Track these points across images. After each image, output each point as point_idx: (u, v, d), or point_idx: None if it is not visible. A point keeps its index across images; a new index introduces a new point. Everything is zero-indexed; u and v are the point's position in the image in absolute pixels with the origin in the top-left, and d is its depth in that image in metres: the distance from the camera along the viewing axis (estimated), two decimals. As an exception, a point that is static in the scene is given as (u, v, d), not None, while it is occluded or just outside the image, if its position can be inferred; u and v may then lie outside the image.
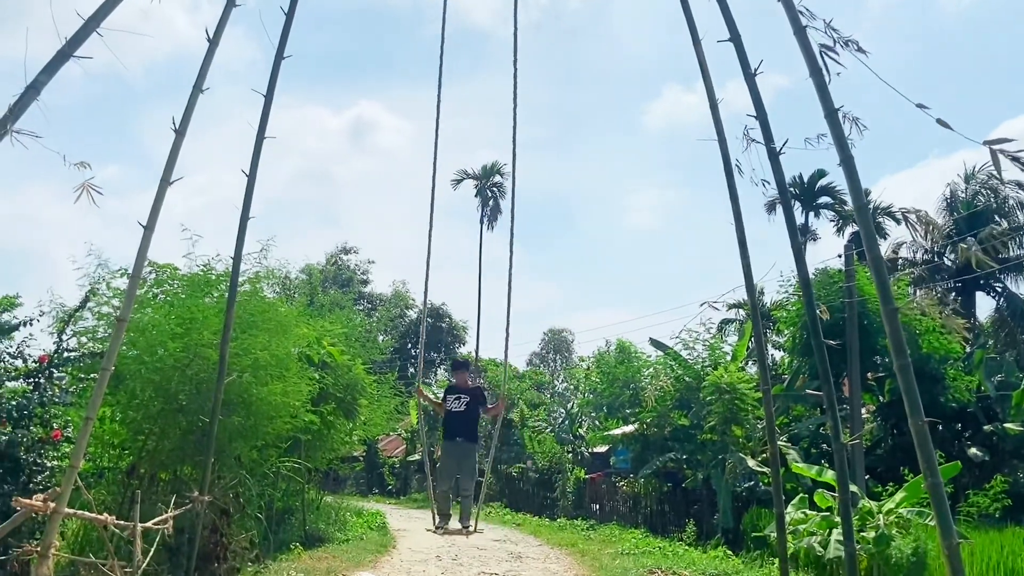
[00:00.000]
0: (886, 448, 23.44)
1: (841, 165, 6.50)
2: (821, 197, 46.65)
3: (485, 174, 65.35)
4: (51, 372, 11.96)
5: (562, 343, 76.11)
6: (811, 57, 6.96)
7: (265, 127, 9.95)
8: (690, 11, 9.36)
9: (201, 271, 14.81)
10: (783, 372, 26.08)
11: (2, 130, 5.96)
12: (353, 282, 62.90)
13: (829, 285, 23.10)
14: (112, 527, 8.54)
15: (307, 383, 15.49)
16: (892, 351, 6.10)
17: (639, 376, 26.91)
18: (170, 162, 8.25)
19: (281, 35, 9.67)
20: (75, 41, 6.50)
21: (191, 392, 13.02)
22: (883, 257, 6.31)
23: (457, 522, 12.19)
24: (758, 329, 10.11)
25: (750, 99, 8.57)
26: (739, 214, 9.41)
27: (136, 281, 8.58)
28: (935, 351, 22.22)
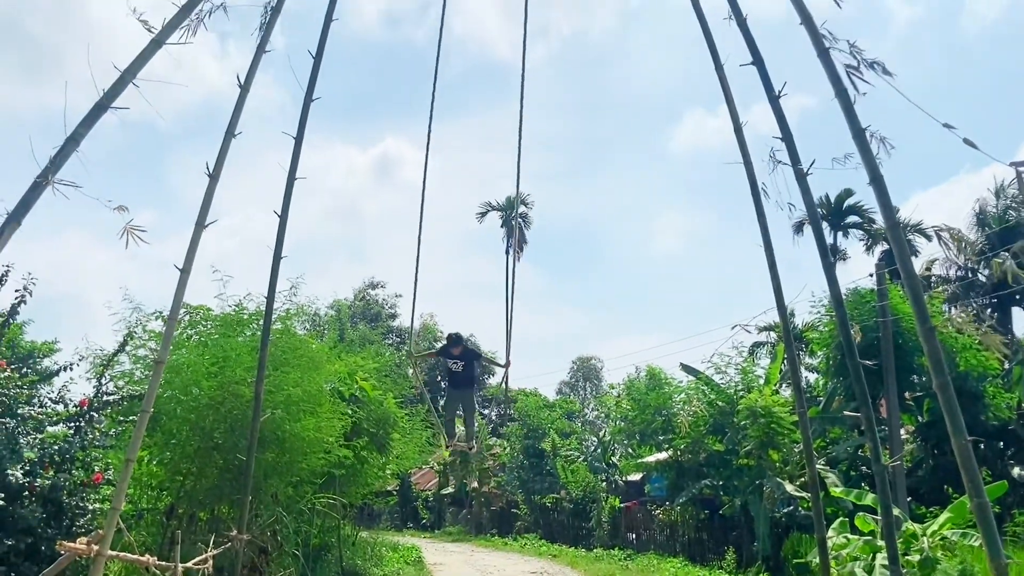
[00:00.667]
0: (928, 469, 23.04)
1: (871, 185, 6.49)
2: (849, 216, 46.31)
3: (510, 205, 65.59)
4: (91, 416, 12.10)
5: (591, 371, 75.74)
6: (836, 78, 6.97)
7: (296, 168, 10.07)
8: (711, 36, 9.41)
9: (234, 311, 15.00)
10: (818, 394, 25.79)
11: (44, 181, 6.10)
12: (381, 316, 63.16)
13: (861, 305, 22.88)
14: (154, 568, 8.59)
15: (340, 418, 15.57)
16: (931, 370, 6.04)
17: (671, 402, 26.74)
18: (204, 206, 8.37)
19: (310, 78, 9.82)
20: (112, 93, 6.66)
21: (226, 430, 13.14)
22: (917, 275, 6.27)
23: None
24: (791, 351, 10.01)
25: (775, 121, 8.58)
26: (768, 236, 9.38)
27: (173, 323, 8.69)
28: (973, 368, 21.88)
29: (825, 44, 7.18)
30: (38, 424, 11.52)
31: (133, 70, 6.56)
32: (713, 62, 9.50)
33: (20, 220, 5.96)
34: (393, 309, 67.29)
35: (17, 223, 5.94)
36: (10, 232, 5.90)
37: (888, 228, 6.76)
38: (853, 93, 7.05)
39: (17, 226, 5.94)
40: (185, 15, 6.97)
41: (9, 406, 11.06)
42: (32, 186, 6.01)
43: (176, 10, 6.86)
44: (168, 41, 6.84)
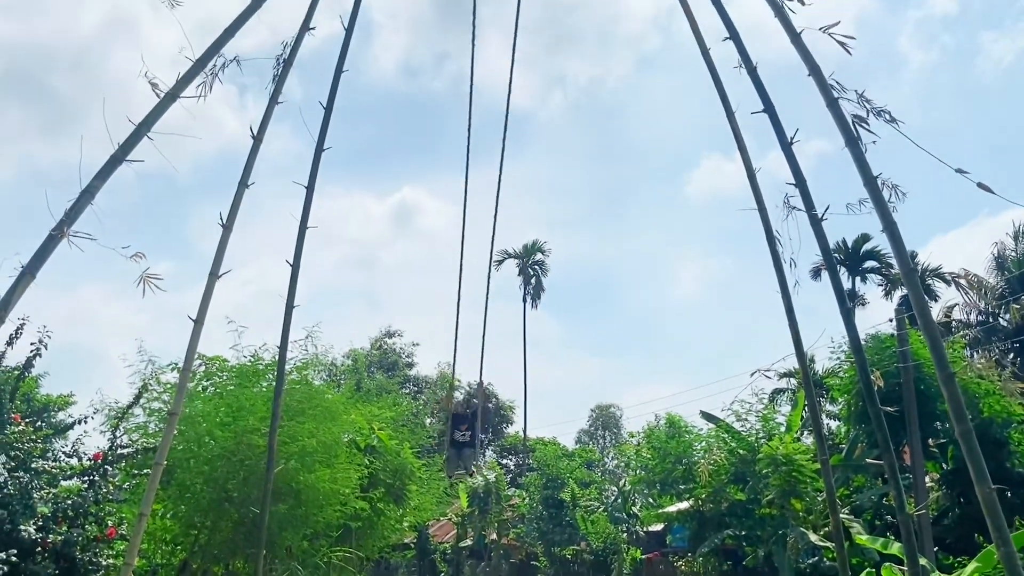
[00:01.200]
0: (954, 518, 22.57)
1: (884, 232, 6.43)
2: (867, 261, 46.13)
3: (526, 253, 65.82)
4: (105, 470, 12.05)
5: (610, 419, 75.22)
6: (846, 128, 6.96)
7: (307, 217, 10.10)
8: (722, 85, 9.43)
9: (249, 362, 15.01)
10: (840, 442, 25.42)
11: (59, 233, 6.13)
12: (398, 366, 63.10)
13: (881, 351, 22.62)
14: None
15: (356, 469, 15.45)
16: (952, 417, 5.93)
17: (691, 450, 26.40)
18: (218, 256, 8.41)
19: (321, 128, 9.89)
20: (127, 146, 6.73)
21: (240, 482, 13.07)
22: (936, 322, 6.17)
23: None
24: (811, 397, 9.88)
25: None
26: (784, 282, 9.30)
27: (187, 374, 8.68)
28: (996, 415, 21.51)
29: (834, 94, 7.19)
30: (52, 478, 11.48)
31: (148, 123, 6.63)
32: (724, 110, 9.51)
33: (35, 273, 5.99)
34: (410, 358, 67.25)
35: (32, 276, 5.97)
36: (25, 285, 5.92)
37: (904, 275, 6.69)
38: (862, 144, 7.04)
39: (32, 279, 5.96)
40: (199, 69, 7.06)
41: (23, 460, 11.04)
42: (47, 239, 6.04)
43: (190, 64, 6.95)
44: (183, 95, 6.92)
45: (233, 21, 7.49)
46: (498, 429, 67.54)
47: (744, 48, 8.65)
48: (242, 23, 7.48)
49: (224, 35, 7.35)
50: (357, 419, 17.52)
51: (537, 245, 65.99)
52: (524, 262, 65.62)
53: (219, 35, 7.34)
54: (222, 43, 7.34)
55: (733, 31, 8.71)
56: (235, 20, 7.52)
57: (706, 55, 9.19)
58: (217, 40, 7.33)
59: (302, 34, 9.01)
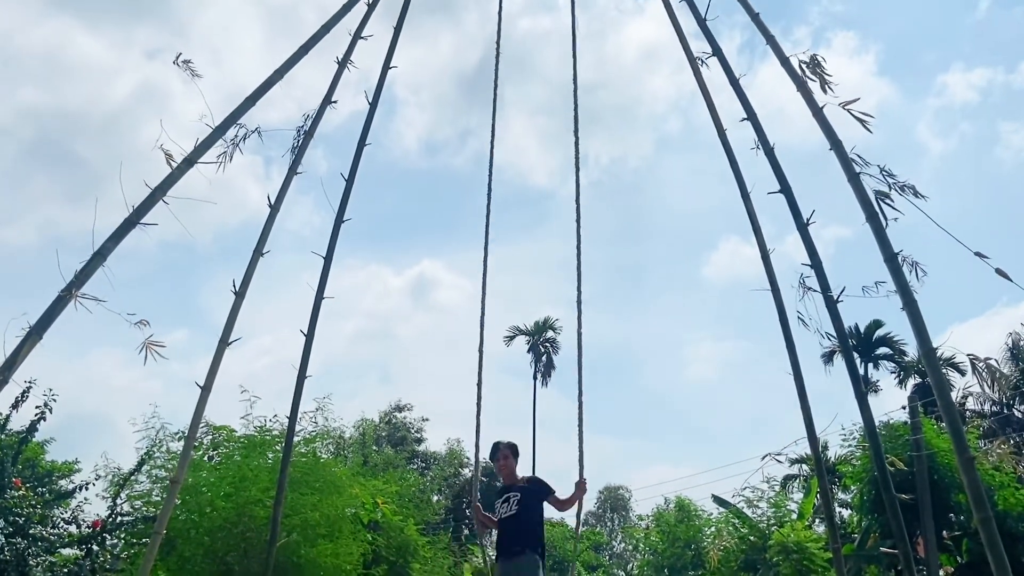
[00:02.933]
0: (970, 612, 21.95)
1: (904, 309, 6.36)
2: (879, 348, 45.83)
3: (538, 330, 65.72)
4: (103, 538, 11.87)
5: (619, 501, 73.89)
6: (867, 203, 6.96)
7: (324, 288, 10.11)
8: (738, 166, 9.50)
9: (257, 433, 14.90)
10: (853, 531, 24.88)
11: (67, 295, 6.13)
12: (407, 440, 62.52)
13: (895, 439, 22.25)
14: None
15: (359, 544, 15.17)
16: (971, 504, 5.77)
17: (701, 535, 25.88)
18: (229, 323, 8.40)
19: (341, 200, 9.97)
20: (141, 210, 6.78)
21: (240, 554, 12.83)
22: (954, 403, 6.07)
23: None
24: (824, 483, 9.70)
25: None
26: (797, 364, 9.21)
27: (191, 442, 8.59)
28: (1012, 508, 21.01)
29: (856, 169, 7.19)
30: (50, 545, 11.30)
31: (163, 188, 6.69)
32: (740, 190, 9.56)
33: (41, 334, 5.97)
34: (419, 433, 66.60)
35: (38, 337, 5.95)
36: (31, 346, 5.90)
37: (923, 354, 6.60)
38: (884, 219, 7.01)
39: (38, 339, 5.93)
40: (217, 136, 7.16)
41: (22, 526, 10.88)
42: (56, 300, 6.04)
43: (208, 131, 7.05)
44: (200, 160, 6.99)
45: (254, 91, 7.63)
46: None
47: (761, 128, 8.74)
48: (262, 93, 7.60)
49: (244, 104, 7.47)
50: (361, 494, 17.26)
51: (549, 323, 65.91)
52: (535, 339, 65.48)
53: (239, 104, 7.46)
54: (242, 112, 7.46)
55: (751, 112, 8.82)
56: (255, 90, 7.66)
57: (722, 136, 9.28)
58: (237, 109, 7.45)
59: (324, 107, 9.17)
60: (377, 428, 60.24)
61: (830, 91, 7.55)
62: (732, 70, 9.04)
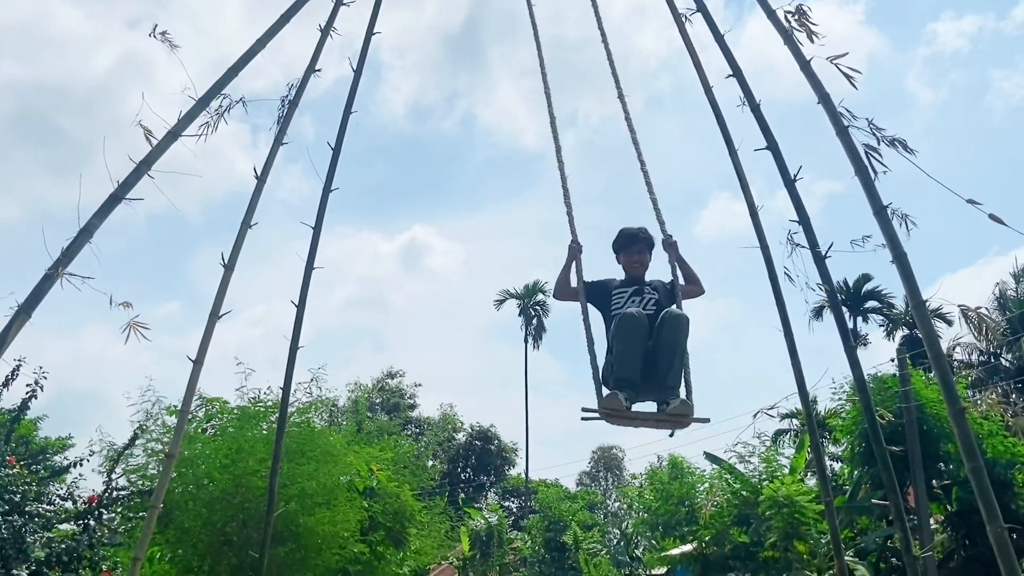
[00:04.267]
0: (959, 560, 22.27)
1: (894, 262, 6.37)
2: (868, 302, 46.06)
3: (528, 293, 65.77)
4: (100, 513, 11.90)
5: (613, 461, 74.56)
6: (855, 157, 6.94)
7: (314, 258, 10.07)
8: (724, 123, 9.44)
9: (251, 404, 14.94)
10: (844, 483, 25.16)
11: (54, 273, 6.08)
12: (400, 407, 62.75)
13: (883, 391, 22.46)
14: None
15: (355, 512, 15.27)
16: (962, 453, 5.84)
17: (694, 492, 26.14)
18: (219, 296, 8.35)
19: (328, 169, 9.89)
20: (127, 184, 6.70)
21: (239, 525, 12.92)
22: (944, 354, 6.11)
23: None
24: (815, 437, 9.77)
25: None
26: (787, 320, 9.23)
27: (185, 415, 8.59)
28: (1000, 456, 21.27)
29: (844, 123, 7.16)
30: (46, 522, 11.31)
31: (148, 162, 6.61)
32: (727, 148, 9.52)
33: (30, 312, 5.93)
34: (412, 399, 66.88)
35: (27, 315, 5.91)
36: (20, 324, 5.86)
37: (913, 306, 6.63)
38: (873, 172, 7.00)
39: (27, 318, 5.90)
40: (201, 108, 7.07)
41: (17, 504, 10.89)
42: (43, 278, 5.99)
43: (192, 103, 6.96)
44: (184, 133, 6.92)
45: (236, 61, 7.52)
46: (500, 471, 66.99)
47: (747, 85, 8.68)
48: (246, 63, 7.50)
49: (228, 74, 7.37)
50: (356, 462, 17.34)
51: (538, 286, 65.96)
52: (525, 303, 65.58)
53: (222, 74, 7.36)
54: (225, 82, 7.36)
55: (736, 68, 8.75)
56: (239, 60, 7.55)
57: (709, 93, 9.22)
58: (220, 79, 7.35)
59: (308, 75, 9.06)
60: (370, 395, 60.48)
61: (817, 41, 7.50)
62: (717, 26, 8.97)
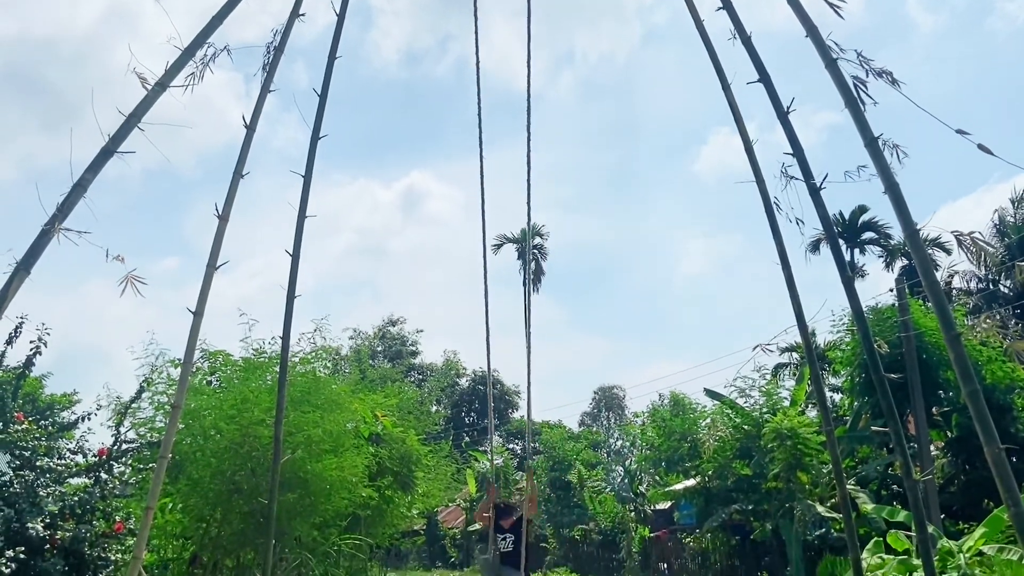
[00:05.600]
0: (959, 485, 22.62)
1: (887, 193, 6.38)
2: (865, 233, 46.02)
3: (524, 237, 65.69)
4: (110, 465, 12.05)
5: (614, 400, 75.22)
6: (845, 89, 6.91)
7: (306, 207, 10.04)
8: (717, 57, 9.35)
9: (254, 355, 15.03)
10: (844, 414, 25.43)
11: (51, 229, 6.08)
12: (403, 354, 63.10)
13: (882, 322, 22.59)
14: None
15: (363, 457, 15.46)
16: (959, 378, 5.90)
17: (696, 428, 26.41)
18: (215, 247, 8.35)
19: (316, 116, 9.82)
20: (117, 138, 6.66)
21: (247, 473, 13.09)
22: (939, 281, 6.14)
23: None
24: (815, 369, 9.84)
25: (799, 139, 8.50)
26: (784, 253, 9.25)
27: (188, 367, 8.65)
28: (999, 381, 21.49)
29: (832, 55, 7.11)
30: (57, 476, 11.47)
31: (138, 114, 6.56)
32: (720, 82, 9.44)
33: (29, 269, 5.94)
34: (414, 346, 67.23)
35: (26, 272, 5.92)
36: (19, 281, 5.88)
37: (907, 235, 6.64)
38: (863, 104, 6.97)
39: (26, 275, 5.91)
40: (187, 58, 7.00)
41: (28, 459, 11.04)
42: (40, 234, 6.00)
43: (179, 53, 6.88)
44: (172, 84, 6.85)
45: (220, 9, 7.42)
46: (503, 414, 67.65)
47: (737, 18, 8.58)
48: (230, 10, 7.40)
49: (212, 23, 7.28)
50: (360, 409, 17.51)
51: (536, 229, 65.89)
52: (522, 246, 65.55)
53: (207, 23, 7.26)
54: (210, 31, 7.26)
55: (726, 1, 8.64)
56: (222, 8, 7.45)
57: (700, 26, 9.11)
58: (204, 28, 7.25)
59: (292, 21, 8.92)
60: (372, 342, 60.78)
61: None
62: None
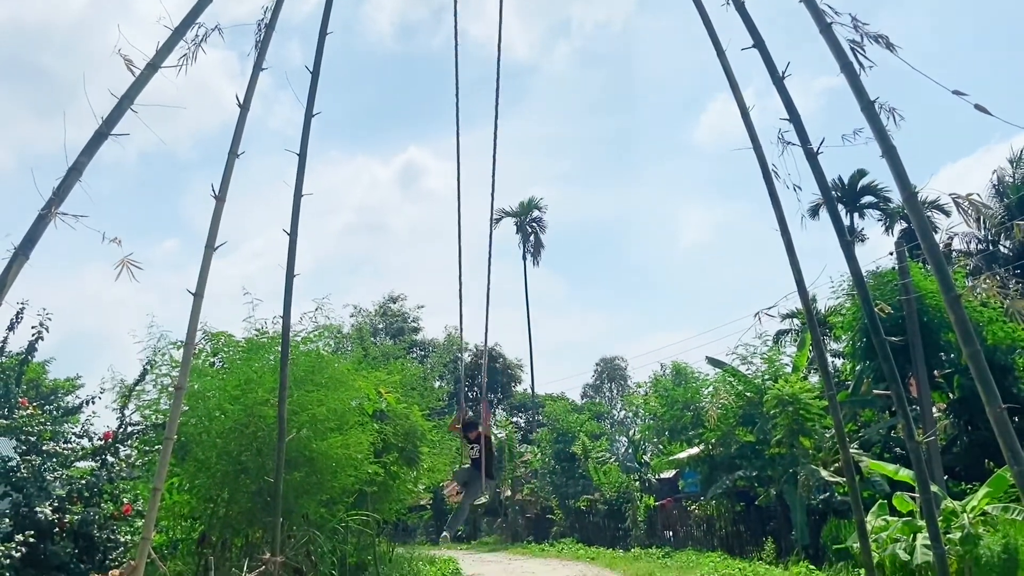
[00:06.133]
0: (962, 446, 22.73)
1: (884, 156, 6.36)
2: (864, 197, 45.95)
3: (523, 210, 65.63)
4: (116, 448, 12.11)
5: (616, 371, 75.36)
6: (841, 54, 6.87)
7: (302, 185, 10.02)
8: (711, 24, 9.28)
9: (256, 334, 15.06)
10: (846, 379, 25.52)
11: (47, 213, 6.07)
12: (404, 331, 63.17)
13: (883, 286, 22.61)
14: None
15: (367, 435, 15.50)
16: (959, 339, 5.91)
17: (698, 396, 26.53)
18: (213, 228, 8.33)
19: (308, 93, 9.77)
20: (111, 120, 6.62)
21: (253, 453, 13.14)
22: (938, 244, 6.14)
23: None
24: (815, 333, 9.85)
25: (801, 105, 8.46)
26: (783, 219, 9.22)
27: (190, 348, 8.65)
28: (1000, 341, 21.54)
29: (827, 20, 7.07)
30: (64, 460, 11.54)
31: (130, 96, 6.52)
32: (715, 49, 9.38)
33: (28, 254, 5.94)
34: (416, 323, 67.28)
35: (25, 257, 5.91)
36: (19, 266, 5.88)
37: (905, 199, 6.63)
38: (860, 68, 6.94)
39: (25, 260, 5.91)
40: (177, 38, 6.94)
41: (34, 444, 11.09)
42: (37, 219, 5.98)
43: (169, 34, 6.83)
44: (163, 65, 6.81)
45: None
46: (507, 388, 67.84)
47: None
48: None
49: (201, 2, 7.22)
50: (364, 386, 17.54)
51: (534, 202, 65.78)
52: (522, 220, 65.48)
53: (195, 3, 7.20)
54: (199, 10, 7.20)
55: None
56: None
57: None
58: (194, 8, 7.19)
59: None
60: (373, 319, 60.84)
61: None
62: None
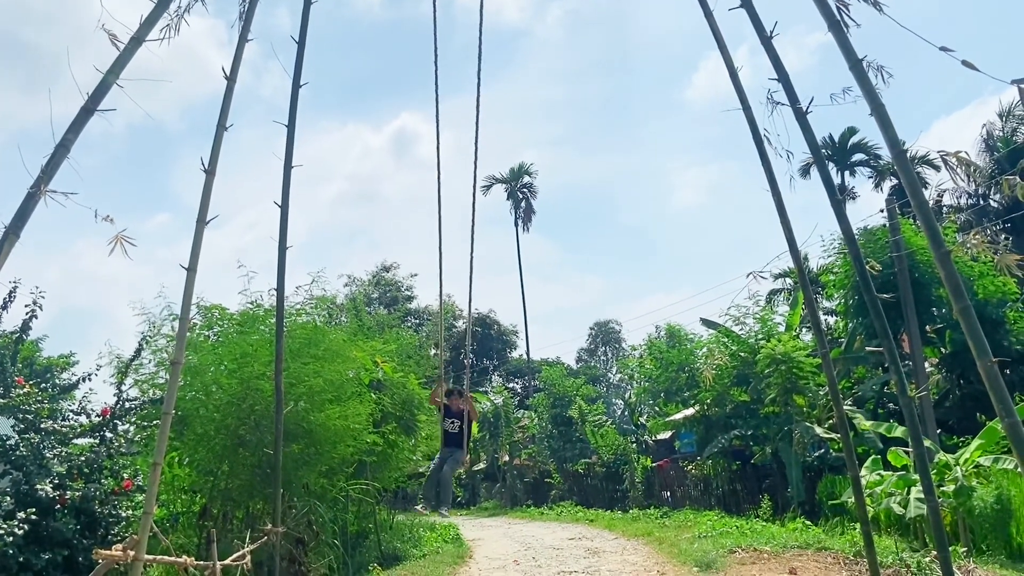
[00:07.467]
0: (954, 400, 22.95)
1: (873, 115, 6.36)
2: (855, 155, 45.94)
3: (513, 176, 65.46)
4: (115, 424, 12.15)
5: (610, 334, 75.64)
6: (827, 11, 6.84)
7: (291, 157, 9.95)
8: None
9: (251, 307, 15.06)
10: (839, 336, 25.70)
11: (36, 191, 6.03)
12: (399, 300, 63.22)
13: (874, 243, 22.70)
14: (192, 568, 8.62)
15: (365, 405, 15.57)
16: (950, 294, 5.94)
17: (693, 357, 26.69)
18: (204, 202, 8.27)
19: (295, 63, 9.66)
20: (96, 96, 6.55)
21: (251, 426, 13.19)
22: (927, 200, 6.16)
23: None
24: (808, 292, 9.88)
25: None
26: (773, 179, 9.20)
27: (185, 323, 8.63)
28: (991, 295, 21.69)
29: (814, -24, 7.02)
30: (63, 437, 11.58)
31: (115, 70, 6.45)
32: (702, 8, 9.31)
33: (18, 232, 5.90)
34: (410, 291, 67.32)
35: (16, 235, 5.88)
36: (10, 245, 5.85)
37: (894, 156, 6.63)
38: (846, 26, 6.92)
39: (16, 239, 5.87)
40: (162, 10, 6.86)
41: (32, 422, 11.13)
42: (26, 197, 5.94)
43: (152, 6, 6.76)
44: (148, 38, 6.74)
45: (191, -43, 7.26)
46: (502, 355, 68.06)
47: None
48: (201, -41, 7.25)
49: (184, -27, 7.13)
50: (360, 356, 17.57)
51: (524, 168, 65.62)
52: (512, 186, 65.34)
53: (178, -27, 7.11)
54: (183, -19, 7.13)
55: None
56: (193, -44, 7.29)
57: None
58: (177, -22, 7.10)
59: (264, -33, 8.76)
60: (367, 289, 60.83)
61: None
62: None
